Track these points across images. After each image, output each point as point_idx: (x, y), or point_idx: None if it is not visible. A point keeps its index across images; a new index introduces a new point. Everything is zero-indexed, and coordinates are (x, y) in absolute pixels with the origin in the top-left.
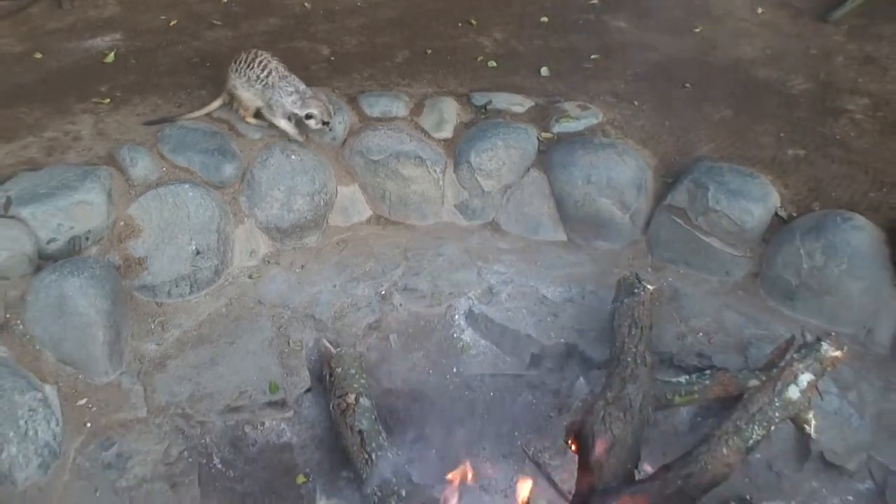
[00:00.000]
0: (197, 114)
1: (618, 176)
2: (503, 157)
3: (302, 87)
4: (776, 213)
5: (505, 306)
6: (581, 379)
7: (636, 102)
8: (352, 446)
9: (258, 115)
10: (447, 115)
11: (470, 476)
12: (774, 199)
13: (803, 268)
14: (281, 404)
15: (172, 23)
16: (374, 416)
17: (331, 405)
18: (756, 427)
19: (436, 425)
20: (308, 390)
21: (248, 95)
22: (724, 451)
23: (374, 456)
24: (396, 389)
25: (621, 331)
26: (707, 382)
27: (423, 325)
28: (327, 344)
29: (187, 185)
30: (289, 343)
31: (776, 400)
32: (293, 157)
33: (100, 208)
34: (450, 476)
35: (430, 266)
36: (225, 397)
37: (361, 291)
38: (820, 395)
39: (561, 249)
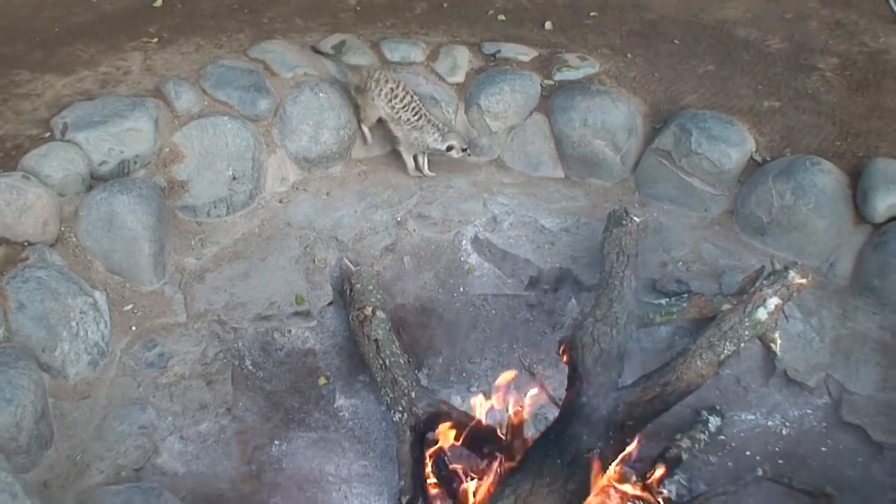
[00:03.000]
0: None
1: (611, 120)
2: (509, 100)
3: (439, 122)
4: (751, 158)
5: (507, 234)
6: (573, 300)
7: (629, 55)
8: (368, 353)
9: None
10: (460, 61)
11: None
12: (750, 145)
13: (774, 206)
14: (306, 315)
15: None
16: (388, 327)
17: (350, 316)
18: (727, 343)
19: (443, 337)
20: (330, 303)
21: (381, 115)
22: (699, 363)
23: (387, 362)
24: (409, 305)
25: (610, 257)
26: (684, 305)
27: (434, 248)
28: (348, 262)
29: (226, 118)
30: (314, 261)
31: (746, 320)
32: (321, 94)
33: (147, 135)
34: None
35: (441, 196)
36: (256, 307)
37: (380, 217)
38: (786, 317)
39: (559, 185)
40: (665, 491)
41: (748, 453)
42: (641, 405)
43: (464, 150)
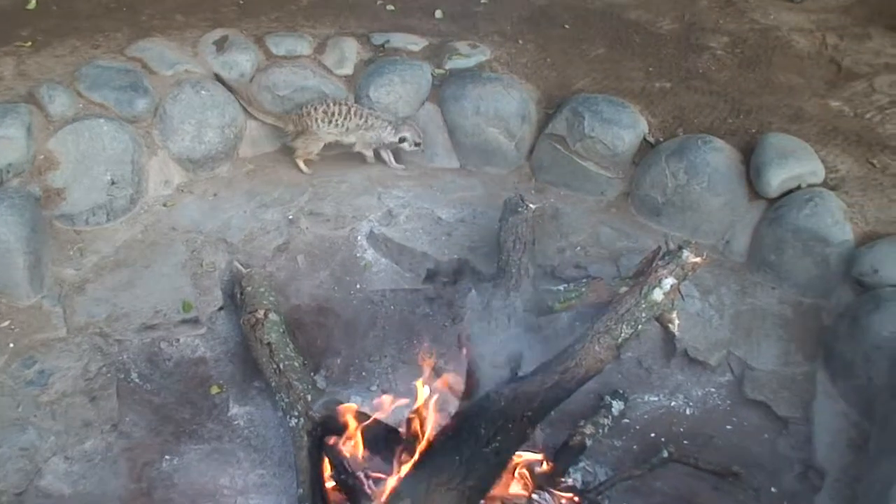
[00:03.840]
0: (258, 113)
1: (504, 107)
2: (399, 91)
3: (389, 117)
4: (644, 139)
5: (403, 227)
6: (473, 291)
7: (520, 41)
8: (261, 357)
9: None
10: (348, 53)
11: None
12: (643, 127)
13: (668, 186)
14: (194, 322)
15: None
16: (282, 330)
17: (241, 320)
18: (624, 326)
19: (341, 337)
20: (221, 308)
21: (335, 139)
22: (597, 348)
23: (281, 366)
24: (304, 305)
25: (506, 245)
26: (583, 290)
27: (328, 246)
28: (238, 265)
29: (102, 120)
30: (202, 265)
31: (642, 302)
32: (203, 92)
33: (20, 143)
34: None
35: (334, 192)
36: (141, 316)
37: (270, 216)
38: (682, 296)
39: (454, 175)
40: (570, 480)
41: (653, 435)
42: (541, 394)
43: (417, 144)
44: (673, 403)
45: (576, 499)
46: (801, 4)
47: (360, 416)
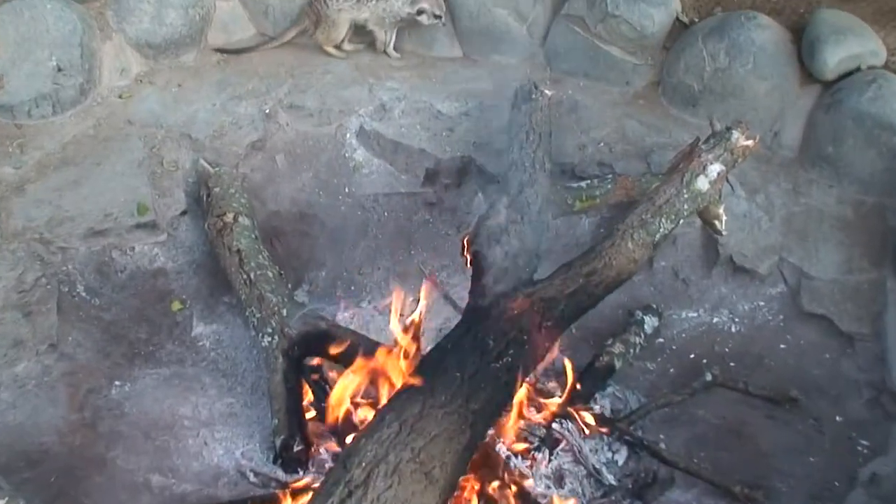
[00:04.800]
0: (275, 43)
1: None
2: None
3: None
4: (677, 19)
5: (398, 122)
6: (479, 195)
7: None
8: (229, 267)
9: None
10: None
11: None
12: (675, 5)
13: (706, 70)
14: (152, 227)
15: None
16: (254, 236)
17: (206, 224)
18: (663, 220)
19: (327, 247)
20: (184, 213)
21: (349, 16)
22: (630, 245)
23: (252, 276)
24: (284, 211)
25: (519, 137)
26: (609, 186)
27: (312, 144)
28: (205, 163)
29: None
30: (162, 164)
31: (684, 191)
32: None
33: None
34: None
35: (317, 83)
36: (88, 220)
37: (244, 110)
38: (731, 187)
39: (457, 65)
40: (597, 406)
41: (692, 356)
42: (562, 301)
43: (437, 16)
44: (715, 320)
45: (603, 429)
46: None
47: (347, 333)
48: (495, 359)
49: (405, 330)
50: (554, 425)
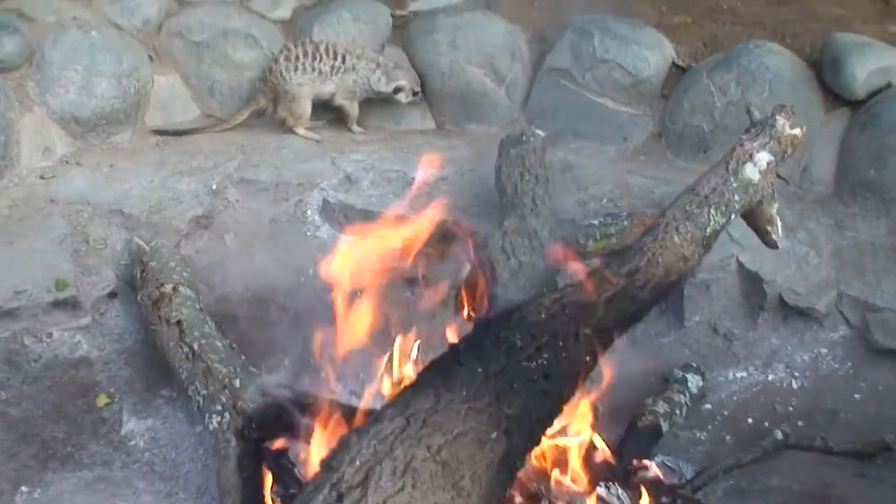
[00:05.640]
0: (225, 126)
1: (487, 38)
2: (352, 30)
3: (378, 57)
4: (674, 63)
5: (367, 193)
6: (468, 265)
7: None
8: (167, 343)
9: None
10: None
11: None
12: (669, 49)
13: (716, 107)
14: (73, 306)
15: None
16: (198, 307)
17: (140, 297)
18: (712, 211)
19: (289, 332)
20: (113, 295)
21: (311, 91)
22: (676, 239)
23: (196, 347)
24: (236, 295)
25: (512, 180)
26: (625, 224)
27: (268, 222)
28: (139, 241)
29: None
30: (88, 241)
31: (732, 179)
32: (94, 33)
33: None
34: None
35: (272, 158)
36: None
37: (186, 186)
38: (785, 179)
39: (430, 136)
40: (651, 469)
41: (750, 421)
42: (600, 306)
43: (415, 93)
44: (771, 377)
45: (663, 497)
46: None
47: (317, 400)
48: (526, 358)
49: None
50: (599, 490)
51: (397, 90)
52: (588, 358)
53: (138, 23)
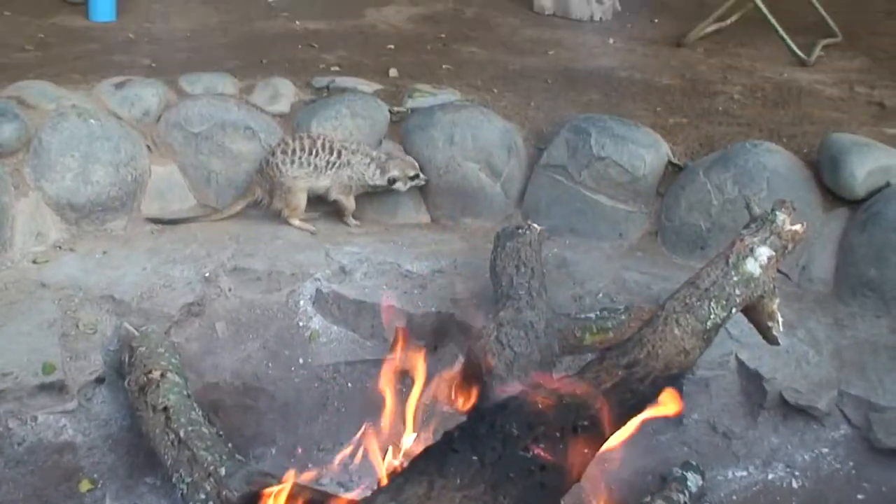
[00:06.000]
0: (220, 215)
1: (484, 135)
2: (350, 126)
3: (372, 152)
4: (670, 162)
5: (361, 284)
6: (461, 358)
7: (496, 90)
8: (153, 429)
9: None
10: (283, 90)
11: None
12: (665, 149)
13: (713, 205)
14: (59, 390)
15: None
16: (186, 393)
17: (127, 382)
18: (713, 304)
19: (277, 421)
20: (101, 381)
21: (306, 184)
22: (676, 331)
23: (182, 433)
24: (225, 384)
25: (507, 272)
26: (623, 318)
27: (260, 313)
28: (129, 327)
29: None
30: (77, 326)
31: (733, 273)
32: (92, 121)
33: None
34: None
35: (266, 248)
36: None
37: (179, 273)
38: (786, 275)
39: (424, 230)
40: None
41: None
42: (598, 398)
43: (412, 177)
44: (771, 476)
45: None
46: (814, 66)
47: (302, 490)
48: (523, 448)
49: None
50: None
51: (392, 181)
52: (586, 451)
53: (138, 113)
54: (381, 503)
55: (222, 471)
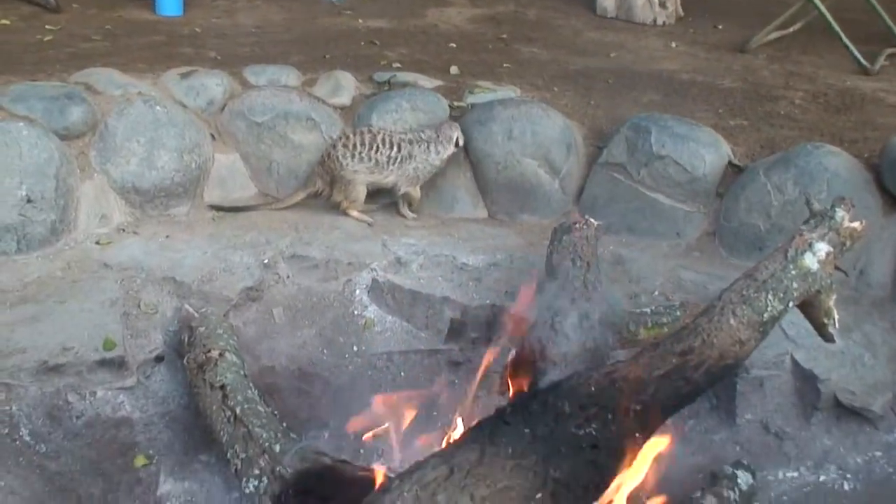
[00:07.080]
0: (280, 204)
1: (543, 131)
2: (409, 120)
3: (421, 134)
4: (730, 163)
5: (416, 275)
6: (514, 352)
7: (556, 89)
8: (210, 406)
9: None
10: (344, 83)
11: None
12: (725, 148)
13: (773, 205)
14: (119, 366)
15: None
16: (243, 373)
17: (186, 360)
18: (770, 297)
19: (330, 406)
20: (160, 359)
21: (367, 179)
22: (732, 321)
23: (238, 411)
24: (281, 367)
25: (563, 265)
26: (678, 314)
27: (316, 300)
28: (189, 308)
29: (22, 124)
30: (139, 305)
31: (791, 267)
32: (158, 108)
33: None
34: None
35: (325, 237)
36: (42, 353)
37: (239, 258)
38: (844, 271)
39: (481, 225)
40: None
41: None
42: (651, 384)
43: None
44: (822, 478)
45: None
46: (877, 75)
47: (357, 469)
48: (575, 426)
49: None
50: None
51: (457, 143)
52: (637, 435)
53: (203, 103)
54: (434, 465)
55: (276, 447)
